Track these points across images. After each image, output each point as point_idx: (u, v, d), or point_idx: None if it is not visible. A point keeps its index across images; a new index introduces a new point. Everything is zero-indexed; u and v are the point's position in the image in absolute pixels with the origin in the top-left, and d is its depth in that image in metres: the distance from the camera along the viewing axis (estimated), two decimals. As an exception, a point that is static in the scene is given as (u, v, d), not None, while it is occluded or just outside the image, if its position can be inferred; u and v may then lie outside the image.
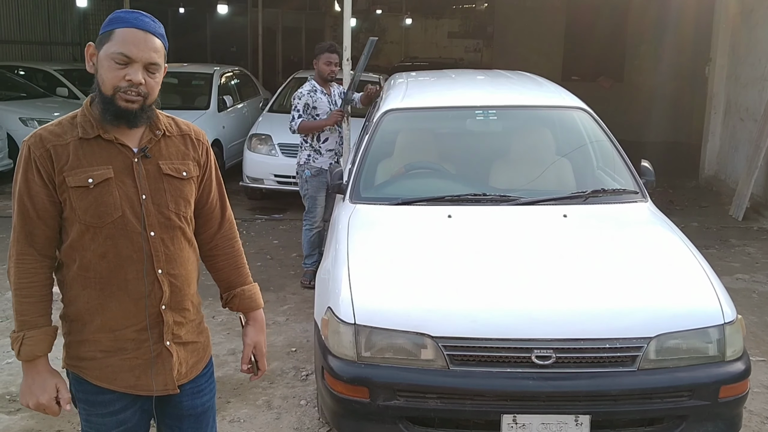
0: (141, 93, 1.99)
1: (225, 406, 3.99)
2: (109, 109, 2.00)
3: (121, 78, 1.98)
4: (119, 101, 1.98)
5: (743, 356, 3.09)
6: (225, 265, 2.35)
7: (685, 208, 9.12)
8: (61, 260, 2.08)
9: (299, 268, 6.41)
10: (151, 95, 2.03)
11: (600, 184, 4.20)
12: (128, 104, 1.99)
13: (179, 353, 2.16)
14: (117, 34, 1.99)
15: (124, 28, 2.00)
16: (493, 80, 5.77)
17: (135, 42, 1.99)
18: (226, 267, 2.35)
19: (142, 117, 2.04)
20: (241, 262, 2.37)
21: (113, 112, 2.00)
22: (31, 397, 2.06)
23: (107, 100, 1.99)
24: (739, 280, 6.29)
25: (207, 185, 2.25)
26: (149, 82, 2.01)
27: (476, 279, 3.25)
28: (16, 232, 2.04)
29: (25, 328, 2.03)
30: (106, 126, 2.03)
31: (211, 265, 2.36)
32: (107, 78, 1.99)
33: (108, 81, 1.99)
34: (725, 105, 10.40)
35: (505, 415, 2.94)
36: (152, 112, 2.08)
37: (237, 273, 2.36)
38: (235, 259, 2.36)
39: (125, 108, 1.99)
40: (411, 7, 23.82)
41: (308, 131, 5.80)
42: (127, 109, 1.99)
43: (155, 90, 2.05)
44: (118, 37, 1.99)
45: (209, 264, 2.36)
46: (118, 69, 1.98)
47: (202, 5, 20.14)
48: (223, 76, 10.75)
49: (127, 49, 1.98)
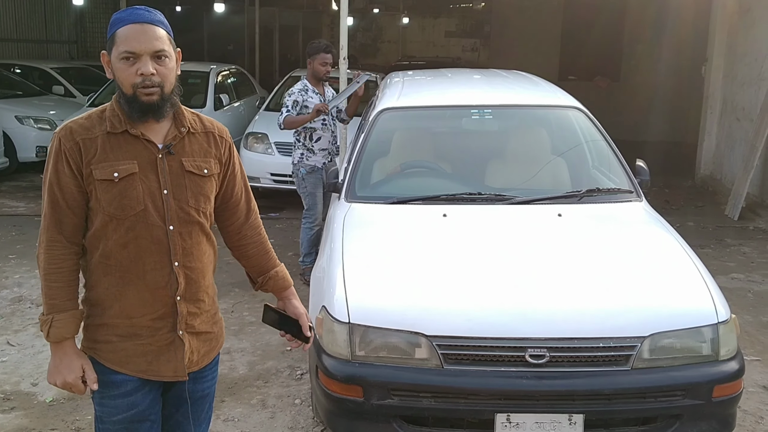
0: (156, 83, 2.06)
1: (219, 405, 3.98)
2: (134, 107, 2.08)
3: (134, 74, 2.06)
4: (141, 97, 2.07)
5: (737, 356, 3.09)
6: (255, 252, 2.45)
7: (681, 208, 9.13)
8: (85, 247, 2.16)
9: (295, 267, 6.39)
10: (166, 83, 2.09)
11: (595, 183, 4.20)
12: (149, 97, 2.07)
13: (191, 342, 2.24)
14: (119, 35, 2.07)
15: (123, 26, 2.07)
16: (489, 79, 5.77)
17: (135, 36, 2.05)
18: (256, 254, 2.45)
19: (166, 106, 2.11)
20: (268, 247, 2.49)
21: (139, 109, 2.08)
22: (58, 376, 2.14)
23: (131, 99, 2.08)
24: (734, 279, 6.30)
25: (231, 180, 2.34)
26: (161, 70, 2.08)
27: (470, 278, 3.25)
28: (47, 220, 2.12)
29: (54, 311, 2.11)
30: (133, 122, 2.11)
31: (242, 254, 2.45)
32: (123, 78, 2.07)
33: (124, 81, 2.07)
34: (721, 104, 10.42)
35: (499, 414, 2.94)
36: (175, 100, 2.16)
37: (267, 257, 2.47)
38: (264, 246, 2.47)
39: (148, 102, 2.07)
40: (408, 6, 23.83)
41: (293, 126, 5.80)
42: (149, 103, 2.07)
43: (169, 77, 2.11)
44: (121, 37, 2.07)
45: (239, 253, 2.45)
46: (129, 67, 2.06)
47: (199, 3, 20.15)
48: (219, 75, 10.74)
49: (130, 46, 2.05)
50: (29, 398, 4.01)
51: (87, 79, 13.33)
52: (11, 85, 11.80)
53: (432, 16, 24.91)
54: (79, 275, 2.19)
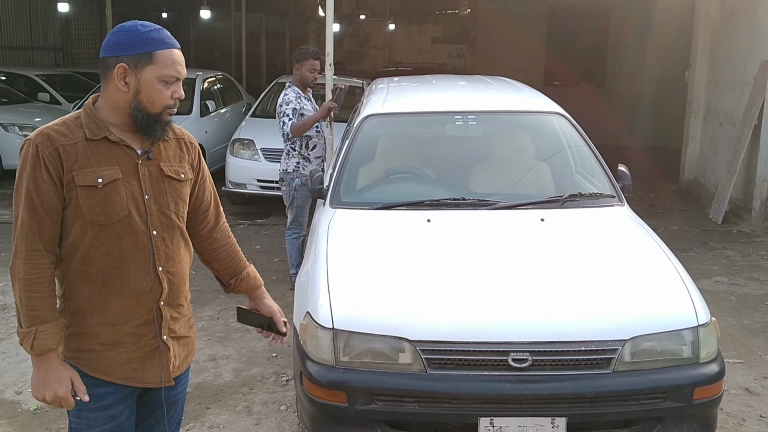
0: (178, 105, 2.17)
1: (204, 412, 3.98)
2: (159, 125, 2.14)
3: (169, 97, 2.12)
4: (166, 117, 2.14)
5: (717, 358, 3.12)
6: (227, 254, 2.49)
7: (666, 212, 9.21)
8: (60, 256, 2.14)
9: (282, 273, 6.41)
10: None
11: (577, 188, 4.23)
12: (169, 117, 2.16)
13: (174, 347, 2.27)
14: (161, 56, 2.11)
15: (164, 49, 2.12)
16: (473, 85, 5.80)
17: (180, 62, 2.15)
18: (227, 256, 2.49)
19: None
20: (238, 249, 2.55)
21: (160, 126, 2.15)
22: (47, 390, 2.09)
23: (155, 118, 2.13)
24: (717, 282, 6.36)
25: (202, 185, 2.38)
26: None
27: (454, 283, 3.27)
28: (25, 229, 2.07)
29: (37, 322, 2.06)
30: (112, 128, 2.13)
31: (213, 257, 2.48)
32: (157, 99, 2.11)
33: (158, 101, 2.12)
34: (705, 109, 10.51)
35: (482, 418, 2.95)
36: None
37: (237, 259, 2.52)
38: (234, 248, 2.53)
39: (169, 120, 2.16)
40: (395, 13, 23.90)
41: (301, 131, 5.69)
42: (169, 121, 2.17)
43: None
44: (166, 59, 2.11)
45: (211, 257, 2.48)
46: (166, 89, 2.12)
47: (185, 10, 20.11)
48: (205, 81, 10.73)
49: (176, 71, 2.13)
50: (13, 407, 3.99)
51: (72, 86, 13.29)
52: (-5, 92, 11.76)
53: (418, 23, 24.98)
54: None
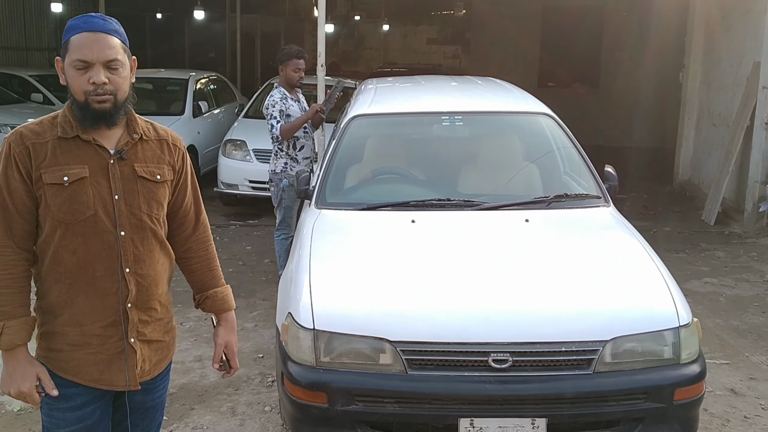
0: (108, 91, 2.07)
1: (189, 412, 3.97)
2: (86, 114, 2.08)
3: (86, 82, 2.06)
4: (93, 104, 2.07)
5: (699, 359, 3.12)
6: (198, 267, 2.42)
7: (659, 213, 9.21)
8: (36, 254, 2.15)
9: (271, 274, 6.40)
10: (120, 91, 2.10)
11: (563, 189, 4.22)
12: (101, 105, 2.07)
13: (143, 351, 2.22)
14: (72, 42, 2.08)
15: (77, 34, 2.07)
16: (462, 86, 5.79)
17: (88, 45, 2.06)
18: (199, 269, 2.42)
19: (119, 114, 2.13)
20: (214, 265, 2.45)
21: (91, 116, 2.08)
22: (12, 385, 2.11)
23: (82, 106, 2.08)
24: (707, 284, 6.36)
25: (182, 189, 2.33)
26: (113, 79, 2.08)
27: (435, 283, 3.26)
28: None
29: (5, 318, 2.08)
30: (85, 128, 2.11)
31: (185, 267, 2.43)
32: (74, 85, 2.08)
33: (76, 88, 2.07)
34: (698, 110, 10.52)
35: (463, 418, 2.95)
36: (128, 108, 2.17)
37: (210, 275, 2.44)
38: (209, 262, 2.44)
39: (100, 109, 2.08)
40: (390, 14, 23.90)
41: (290, 133, 5.68)
42: (101, 110, 2.08)
43: (123, 85, 2.12)
44: (74, 44, 2.07)
45: (183, 266, 2.43)
46: (81, 74, 2.06)
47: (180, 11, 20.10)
48: (198, 82, 10.72)
49: (82, 54, 2.06)
50: (-3, 407, 3.98)
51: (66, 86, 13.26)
52: (-11, 93, 11.73)
53: (413, 24, 25.00)
54: (30, 282, 2.17)
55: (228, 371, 2.50)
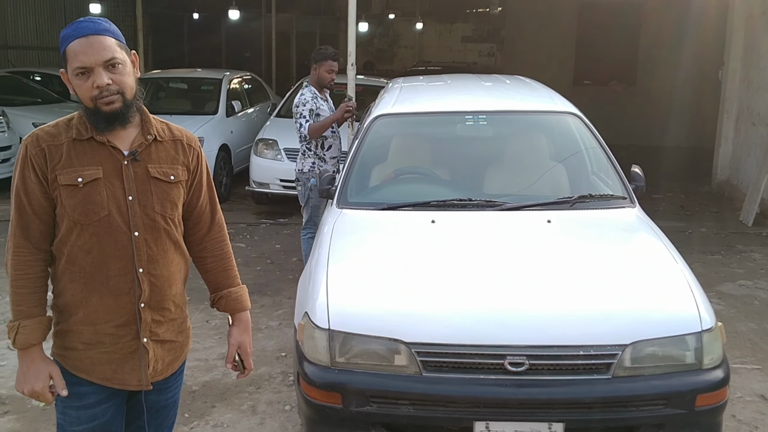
0: (114, 91, 2.08)
1: (210, 410, 4.00)
2: (99, 119, 2.10)
3: (91, 87, 2.07)
4: (102, 108, 2.08)
5: (722, 364, 3.04)
6: (213, 266, 2.43)
7: (696, 213, 9.02)
8: (53, 254, 2.18)
9: (298, 273, 6.34)
10: (126, 89, 2.11)
11: (588, 189, 4.15)
12: (110, 106, 2.08)
13: (156, 351, 2.24)
14: (68, 52, 2.09)
15: (70, 43, 2.08)
16: (488, 85, 5.74)
17: (83, 50, 2.06)
18: (214, 269, 2.43)
19: (130, 111, 2.14)
20: (229, 265, 2.45)
21: (103, 119, 2.10)
22: (26, 384, 2.15)
23: (93, 112, 2.10)
24: (741, 286, 6.21)
25: (197, 189, 2.33)
26: (116, 79, 2.09)
27: (452, 285, 3.23)
28: (14, 227, 2.15)
29: (21, 317, 2.13)
30: (100, 131, 2.13)
31: (201, 267, 2.44)
32: (81, 93, 2.10)
33: (84, 95, 2.09)
34: (738, 109, 10.28)
35: (478, 422, 2.92)
36: (139, 104, 2.18)
37: (225, 275, 2.44)
38: (224, 262, 2.44)
39: (110, 111, 2.09)
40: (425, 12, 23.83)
41: (320, 132, 5.70)
42: (112, 111, 2.09)
43: (128, 82, 2.12)
44: (70, 53, 2.09)
45: (199, 266, 2.44)
46: (84, 81, 2.08)
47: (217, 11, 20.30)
48: (232, 82, 10.80)
49: (79, 61, 2.07)
50: (24, 403, 4.05)
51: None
52: (30, 92, 11.98)
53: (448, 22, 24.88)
54: (47, 282, 2.20)
55: (242, 372, 2.50)
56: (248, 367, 2.50)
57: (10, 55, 16.06)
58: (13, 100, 11.10)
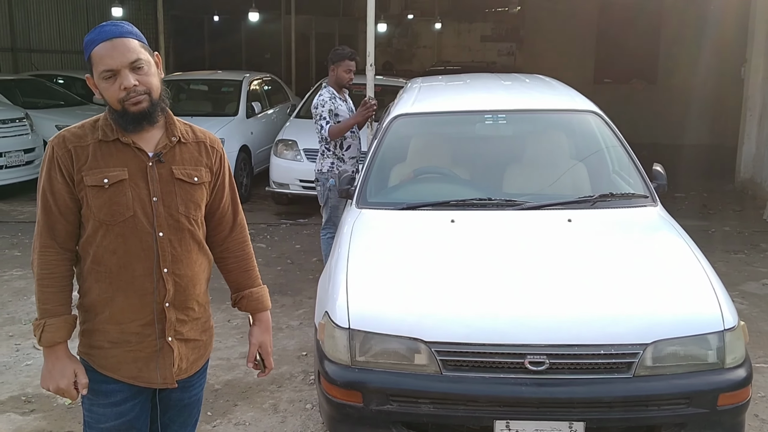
0: (141, 92, 2.11)
1: (232, 409, 4.04)
2: (127, 120, 2.13)
3: (118, 89, 2.11)
4: (130, 108, 2.12)
5: (745, 363, 3.01)
6: (235, 267, 2.46)
7: (719, 212, 8.93)
8: (78, 254, 2.22)
9: (318, 273, 6.37)
10: (152, 89, 2.15)
11: (609, 188, 4.13)
12: (138, 106, 2.12)
13: (180, 349, 2.27)
14: (93, 56, 2.13)
15: (95, 47, 2.12)
16: (507, 84, 5.73)
17: (108, 54, 2.10)
18: (235, 269, 2.46)
19: (157, 111, 2.18)
20: (250, 265, 2.48)
21: (131, 120, 2.14)
22: (51, 381, 2.19)
23: (121, 114, 2.13)
24: (765, 285, 6.15)
25: (219, 191, 2.36)
26: (142, 79, 2.13)
27: (472, 284, 3.24)
28: (40, 226, 2.19)
29: (47, 315, 2.17)
30: (128, 132, 2.16)
31: (222, 267, 2.47)
32: (109, 96, 2.13)
33: (111, 98, 2.13)
34: (761, 107, 10.16)
35: (498, 421, 2.92)
36: (164, 104, 2.21)
37: (246, 275, 2.47)
38: (245, 262, 2.47)
39: (138, 111, 2.13)
40: (443, 12, 23.80)
41: (342, 132, 5.72)
42: (140, 111, 2.13)
43: (153, 83, 2.16)
44: (95, 58, 2.12)
45: (221, 266, 2.47)
46: (111, 84, 2.11)
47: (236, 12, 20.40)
48: (252, 83, 10.86)
49: (105, 64, 2.11)
50: (49, 401, 4.11)
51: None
52: (53, 95, 12.13)
53: (467, 21, 24.83)
54: (72, 281, 2.24)
55: (263, 371, 2.53)
56: (269, 366, 2.53)
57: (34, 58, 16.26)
58: (37, 102, 11.26)
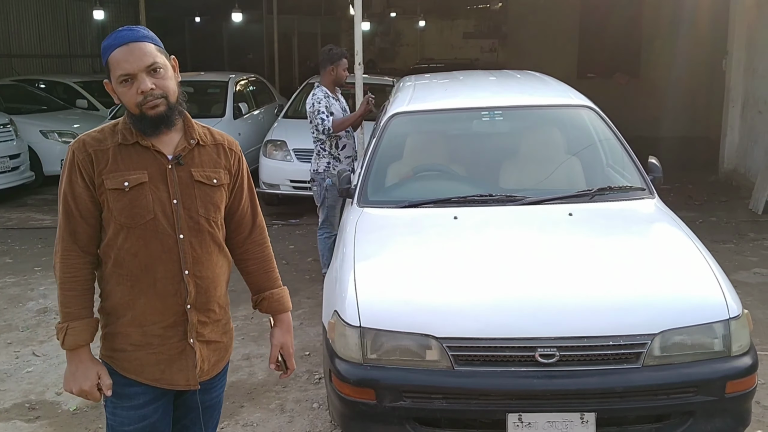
0: (158, 95, 2.13)
1: (238, 410, 4.04)
2: (145, 124, 2.15)
3: (136, 93, 2.12)
4: (148, 112, 2.13)
5: (750, 351, 3.07)
6: (255, 269, 2.46)
7: (704, 203, 9.05)
8: (100, 257, 2.22)
9: (315, 273, 6.46)
10: (169, 93, 2.16)
11: (607, 181, 4.18)
12: (155, 110, 2.13)
13: (202, 351, 2.28)
14: (111, 61, 2.14)
15: (111, 52, 2.14)
16: (500, 81, 5.78)
17: (125, 58, 2.12)
18: (256, 271, 2.47)
19: (174, 114, 2.19)
20: (270, 267, 2.49)
21: (150, 124, 2.15)
22: (74, 383, 2.20)
23: (139, 118, 2.15)
24: (756, 274, 6.24)
25: (238, 193, 2.37)
26: (159, 83, 2.14)
27: (480, 279, 3.27)
28: (62, 230, 2.19)
29: (69, 319, 2.18)
30: (147, 136, 2.18)
31: (243, 269, 2.48)
32: (127, 101, 2.14)
33: (129, 102, 2.14)
34: (743, 98, 10.30)
35: (511, 414, 2.95)
36: (182, 108, 2.22)
37: (266, 277, 2.48)
38: (265, 264, 2.48)
39: (156, 115, 2.14)
40: (425, 9, 23.84)
41: (343, 127, 5.73)
42: (157, 115, 2.14)
43: (170, 86, 2.17)
44: (113, 62, 2.14)
45: (241, 267, 2.48)
46: (129, 88, 2.13)
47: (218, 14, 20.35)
48: (238, 84, 10.84)
49: (123, 69, 2.12)
50: (54, 407, 4.10)
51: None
52: (36, 100, 12.03)
53: (450, 18, 24.88)
54: (94, 285, 2.25)
55: (285, 371, 2.54)
56: (291, 367, 2.53)
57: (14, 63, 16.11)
58: (20, 108, 11.15)
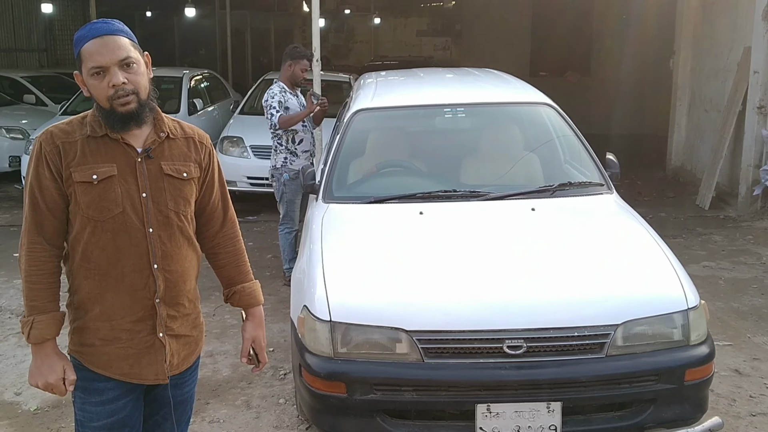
0: (130, 91, 2.09)
1: (204, 407, 4.02)
2: (114, 119, 2.11)
3: (107, 87, 2.09)
4: (118, 108, 2.10)
5: (707, 340, 3.20)
6: (226, 262, 2.46)
7: (653, 199, 9.29)
8: (67, 251, 2.20)
9: (275, 269, 6.44)
10: (141, 89, 2.13)
11: (567, 177, 4.28)
12: (126, 107, 2.10)
13: (172, 345, 2.27)
14: (83, 53, 2.11)
15: (84, 44, 2.11)
16: (461, 78, 5.85)
17: (98, 50, 2.09)
18: (227, 264, 2.46)
19: (145, 112, 2.15)
20: (242, 260, 2.48)
21: (119, 120, 2.12)
22: (40, 377, 2.17)
23: (109, 113, 2.11)
24: (705, 267, 6.44)
25: (209, 186, 2.36)
26: (131, 78, 2.11)
27: (448, 273, 3.32)
28: (27, 223, 2.16)
29: (35, 312, 2.15)
30: (116, 131, 2.14)
31: (214, 263, 2.47)
32: (97, 94, 2.11)
33: (99, 96, 2.11)
34: (690, 97, 10.60)
35: (479, 404, 3.01)
36: (153, 104, 2.19)
37: (238, 270, 2.47)
38: (237, 257, 2.47)
39: (126, 112, 2.11)
40: (379, 6, 23.89)
41: (290, 123, 5.74)
42: (128, 112, 2.11)
43: (142, 82, 2.14)
44: (85, 54, 2.11)
45: (212, 261, 2.47)
46: (100, 81, 2.10)
47: (170, 8, 20.05)
48: (192, 80, 10.72)
49: (95, 61, 2.09)
50: (13, 408, 4.02)
51: (58, 87, 13.22)
52: (-19, 95, 11.70)
53: (403, 16, 25.02)
54: (60, 278, 2.22)
55: (257, 365, 2.54)
56: (263, 360, 2.53)
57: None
58: (-36, 104, 10.84)
